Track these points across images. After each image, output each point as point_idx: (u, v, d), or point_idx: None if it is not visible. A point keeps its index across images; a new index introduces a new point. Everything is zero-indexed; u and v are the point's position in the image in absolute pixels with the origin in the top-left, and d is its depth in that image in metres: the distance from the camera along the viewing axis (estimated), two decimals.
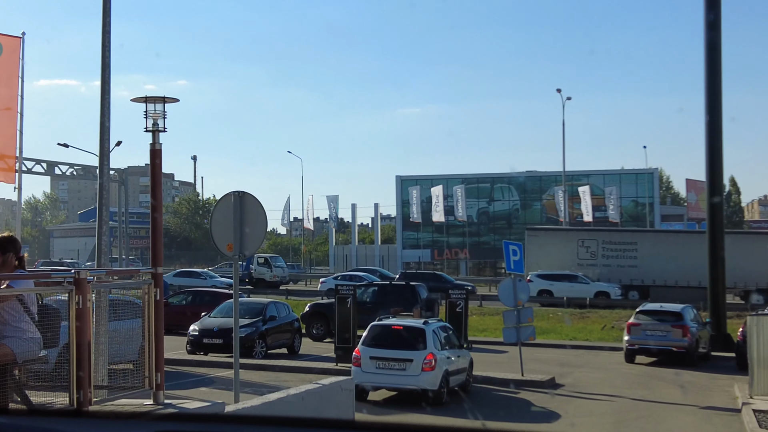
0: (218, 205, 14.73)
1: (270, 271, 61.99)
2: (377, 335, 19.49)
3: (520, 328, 23.25)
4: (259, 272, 61.32)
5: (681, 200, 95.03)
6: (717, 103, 31.09)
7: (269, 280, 61.59)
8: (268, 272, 61.71)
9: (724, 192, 72.20)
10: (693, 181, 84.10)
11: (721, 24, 31.20)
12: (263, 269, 61.97)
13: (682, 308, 28.42)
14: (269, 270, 61.98)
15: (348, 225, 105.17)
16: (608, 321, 39.06)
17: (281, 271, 63.93)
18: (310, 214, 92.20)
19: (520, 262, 24.25)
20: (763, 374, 19.78)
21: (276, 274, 62.37)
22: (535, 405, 19.81)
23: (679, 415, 19.06)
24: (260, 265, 62.04)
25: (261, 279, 61.07)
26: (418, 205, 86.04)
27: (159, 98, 10.90)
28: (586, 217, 78.00)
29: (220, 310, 27.10)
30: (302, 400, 11.01)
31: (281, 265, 65.02)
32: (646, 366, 26.88)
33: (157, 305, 9.81)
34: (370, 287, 33.90)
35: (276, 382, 20.57)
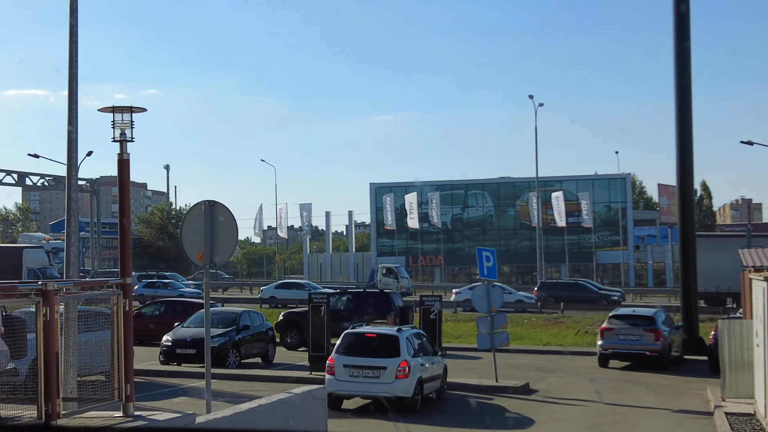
0: (189, 215, 14.63)
1: (396, 281, 59.72)
2: (351, 343, 19.45)
3: (493, 334, 23.29)
4: (384, 283, 58.87)
5: (653, 205, 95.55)
6: (687, 109, 31.32)
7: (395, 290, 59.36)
8: (394, 282, 59.20)
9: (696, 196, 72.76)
10: (665, 186, 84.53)
11: (690, 30, 31.46)
12: (389, 279, 59.80)
13: (654, 312, 28.60)
14: (395, 280, 59.81)
15: (322, 233, 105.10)
16: (582, 326, 39.22)
17: (407, 281, 61.92)
18: (284, 222, 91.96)
19: (494, 269, 24.27)
20: (735, 377, 19.91)
21: (402, 285, 59.87)
22: (509, 411, 19.83)
23: (652, 419, 19.13)
24: (385, 275, 60.22)
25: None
26: (393, 213, 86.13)
27: (126, 108, 10.81)
28: (560, 222, 78.34)
29: (194, 320, 26.97)
30: (274, 410, 10.95)
31: (405, 275, 62.99)
32: (619, 370, 26.99)
33: (126, 316, 9.73)
34: (344, 295, 33.85)
35: (249, 392, 20.47)
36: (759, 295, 17.14)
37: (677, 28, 31.38)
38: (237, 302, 53.04)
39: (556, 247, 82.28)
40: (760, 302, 16.86)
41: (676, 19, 31.35)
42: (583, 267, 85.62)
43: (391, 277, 59.69)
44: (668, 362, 27.15)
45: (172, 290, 55.27)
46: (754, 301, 18.16)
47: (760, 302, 17.00)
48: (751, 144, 51.46)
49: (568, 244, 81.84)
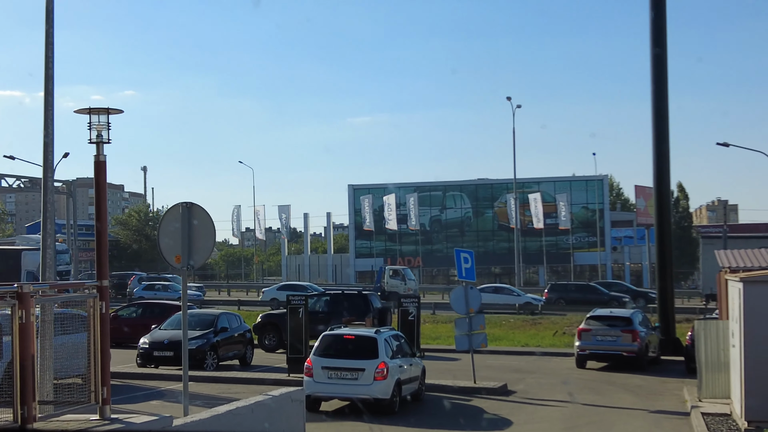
0: (166, 217, 14.57)
1: (404, 283, 58.95)
2: (329, 345, 19.41)
3: (472, 335, 23.32)
4: (392, 285, 58.28)
5: (630, 206, 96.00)
6: (663, 110, 31.49)
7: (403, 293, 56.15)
8: (402, 285, 58.52)
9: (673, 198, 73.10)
10: (642, 187, 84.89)
11: (667, 33, 31.64)
12: (396, 282, 59.04)
13: (631, 313, 28.76)
14: (403, 282, 59.05)
15: (300, 235, 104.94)
16: (559, 327, 39.35)
17: (414, 283, 61.13)
18: (262, 224, 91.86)
19: (472, 270, 24.30)
20: (711, 377, 20.04)
21: (409, 287, 59.03)
22: (487, 412, 19.86)
23: (629, 419, 19.22)
24: (392, 277, 59.40)
25: (394, 292, 56.98)
26: (371, 214, 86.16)
27: (103, 109, 10.77)
28: (537, 224, 78.65)
29: (171, 323, 26.85)
30: (252, 412, 10.92)
31: (413, 277, 62.21)
32: (596, 371, 27.11)
33: (102, 318, 9.69)
34: (323, 297, 33.80)
35: (227, 394, 20.41)
36: (735, 296, 17.26)
37: (653, 33, 31.55)
38: (215, 304, 52.86)
39: (533, 249, 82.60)
40: (736, 303, 16.98)
41: (653, 24, 31.51)
42: (561, 268, 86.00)
43: (398, 279, 59.11)
44: (645, 363, 27.29)
45: (173, 293, 54.83)
46: (730, 302, 18.28)
47: (736, 303, 17.11)
48: (727, 146, 51.78)
49: (546, 246, 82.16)
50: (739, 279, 16.74)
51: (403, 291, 57.34)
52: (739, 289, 16.58)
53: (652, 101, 31.61)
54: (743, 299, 16.27)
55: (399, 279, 59.06)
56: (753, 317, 16.19)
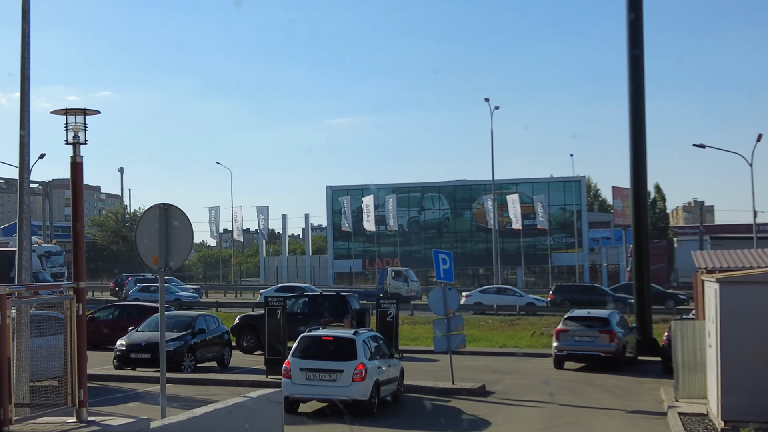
0: (143, 218, 14.51)
1: (406, 284, 58.43)
2: (307, 346, 19.38)
3: (450, 336, 23.36)
4: (394, 286, 57.68)
5: (608, 207, 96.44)
6: (640, 112, 31.65)
7: (405, 294, 57.20)
8: (404, 286, 58.06)
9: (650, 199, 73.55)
10: (619, 189, 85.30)
11: (644, 35, 31.82)
12: (398, 283, 58.50)
13: (608, 314, 28.88)
14: (405, 284, 58.52)
15: (278, 236, 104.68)
16: (537, 328, 39.48)
17: (416, 284, 60.57)
18: (240, 225, 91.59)
19: (450, 271, 24.34)
20: (688, 377, 20.16)
21: (412, 288, 58.72)
22: (465, 413, 19.89)
23: (606, 419, 19.30)
24: (394, 278, 58.71)
25: (396, 293, 55.70)
26: (349, 215, 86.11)
27: (80, 110, 10.72)
28: (515, 225, 78.85)
29: (148, 324, 26.75)
30: (229, 414, 10.88)
31: (415, 279, 61.64)
32: (574, 371, 27.21)
33: (79, 320, 9.63)
34: (301, 298, 33.74)
35: (205, 396, 20.35)
36: (711, 297, 17.37)
37: (630, 35, 31.71)
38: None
39: (511, 249, 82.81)
40: (713, 303, 17.09)
41: (630, 26, 31.67)
42: (539, 269, 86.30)
43: (400, 281, 58.71)
44: (622, 363, 27.41)
45: (169, 294, 54.45)
46: (707, 303, 18.40)
47: (712, 303, 17.22)
48: (703, 147, 52.18)
49: (524, 247, 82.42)
50: (715, 280, 16.85)
51: (405, 292, 57.46)
52: (715, 290, 16.69)
53: (630, 103, 31.77)
54: (719, 300, 16.38)
55: (401, 280, 58.75)
56: (729, 317, 16.30)
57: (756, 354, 16.12)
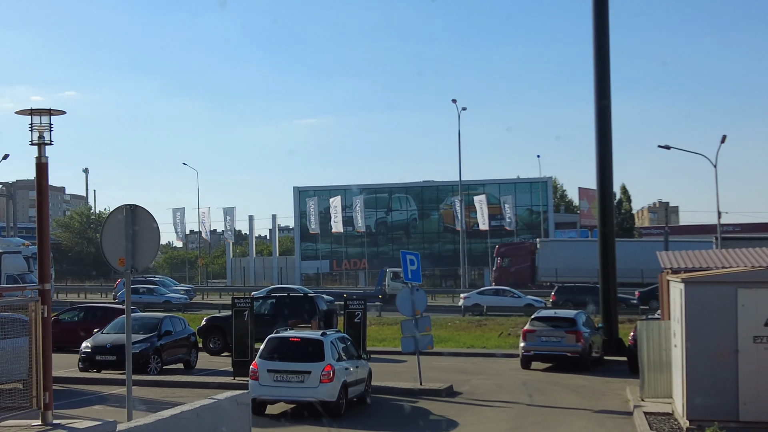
0: (109, 219, 14.39)
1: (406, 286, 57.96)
2: (275, 348, 19.33)
3: (418, 337, 23.39)
4: (393, 288, 56.91)
5: (574, 208, 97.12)
6: (606, 113, 31.89)
7: None
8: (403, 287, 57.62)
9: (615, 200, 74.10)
10: (585, 190, 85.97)
11: (609, 37, 32.06)
12: (398, 284, 56.64)
13: (575, 314, 29.05)
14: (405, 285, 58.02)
15: (245, 237, 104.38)
16: (505, 328, 39.62)
17: None
18: (207, 226, 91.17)
19: (418, 272, 24.39)
20: (654, 377, 20.31)
21: None
22: (433, 413, 19.92)
23: (573, 419, 19.40)
24: (393, 280, 58.02)
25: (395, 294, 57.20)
26: (317, 216, 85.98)
27: (45, 110, 10.61)
28: (482, 225, 79.11)
29: (114, 326, 26.53)
30: (197, 416, 10.82)
31: None
32: (541, 372, 27.33)
33: (44, 322, 9.54)
34: (268, 299, 33.63)
35: (172, 398, 20.23)
36: (676, 297, 17.52)
37: (596, 38, 31.94)
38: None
39: (479, 250, 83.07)
40: (678, 303, 17.24)
41: (595, 29, 31.89)
42: None
43: (399, 282, 58.33)
44: (589, 363, 27.58)
45: (158, 296, 53.98)
46: (672, 303, 18.56)
47: (677, 303, 17.37)
48: (668, 148, 52.66)
49: (491, 247, 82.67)
50: (680, 280, 17.00)
51: None
52: (680, 290, 16.84)
53: (596, 104, 32.00)
54: (685, 300, 16.53)
55: (400, 281, 58.46)
56: (694, 317, 16.45)
57: (720, 353, 16.28)
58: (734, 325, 16.22)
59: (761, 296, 16.20)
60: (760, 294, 16.21)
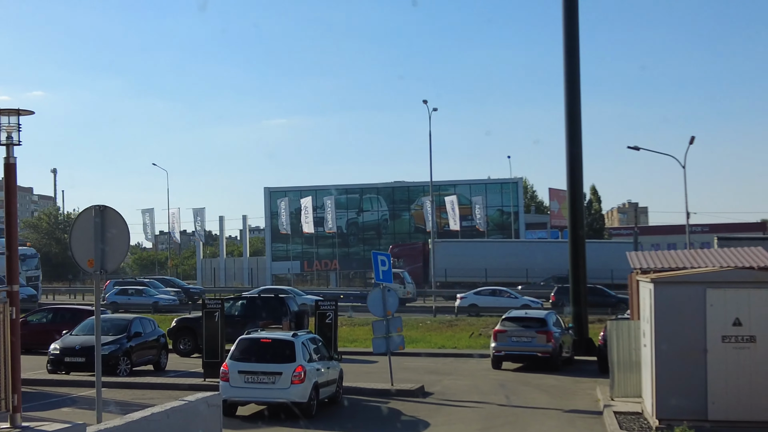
0: (78, 220, 14.27)
1: (403, 287, 57.21)
2: (246, 349, 19.27)
3: (389, 337, 23.40)
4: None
5: (545, 209, 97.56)
6: (576, 115, 32.05)
7: (402, 296, 54.25)
8: (400, 288, 56.50)
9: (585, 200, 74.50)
10: (555, 190, 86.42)
11: (579, 39, 32.25)
12: (395, 285, 57.10)
13: (545, 314, 29.21)
14: (402, 286, 57.25)
15: (216, 238, 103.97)
16: (476, 329, 39.71)
17: (412, 287, 59.56)
18: (177, 227, 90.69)
19: (389, 272, 24.39)
20: (623, 377, 20.44)
21: (408, 290, 57.83)
22: (405, 414, 19.94)
23: (544, 419, 19.48)
24: None
25: None
26: (287, 217, 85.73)
27: (13, 110, 10.52)
28: (453, 226, 79.23)
29: (83, 328, 26.33)
30: (167, 418, 10.75)
31: (410, 281, 60.41)
32: (512, 372, 27.43)
33: (12, 324, 9.46)
34: (239, 300, 33.51)
35: (142, 400, 20.12)
36: (646, 297, 17.64)
37: (566, 40, 32.10)
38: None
39: None
40: (647, 303, 17.35)
41: (565, 30, 32.06)
42: None
43: (396, 282, 58.09)
44: (559, 363, 27.72)
45: (147, 297, 53.55)
46: (642, 303, 18.68)
47: (647, 303, 17.49)
48: (637, 149, 53.00)
49: None
50: (650, 280, 17.12)
51: (402, 294, 56.38)
52: (650, 290, 16.95)
53: (566, 106, 32.16)
54: (654, 300, 16.65)
55: (398, 282, 58.19)
56: (663, 317, 16.57)
57: (689, 353, 16.41)
58: (703, 324, 16.36)
59: (730, 296, 16.35)
60: (729, 294, 16.36)
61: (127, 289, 55.57)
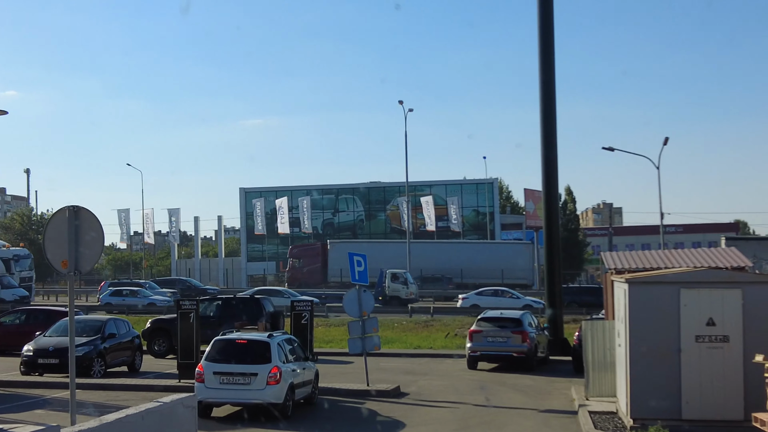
0: (52, 221, 14.17)
1: (406, 287, 56.93)
2: (221, 350, 19.20)
3: (365, 338, 23.39)
4: (393, 289, 56.41)
5: (520, 209, 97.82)
6: (551, 116, 32.17)
7: (405, 297, 56.17)
8: (403, 289, 56.63)
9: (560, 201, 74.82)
10: (531, 191, 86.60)
11: (554, 41, 32.35)
12: (398, 285, 56.80)
13: (521, 314, 29.28)
14: (405, 287, 56.98)
15: (191, 238, 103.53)
16: (451, 329, 39.76)
17: (415, 287, 59.04)
18: (151, 227, 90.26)
19: (365, 273, 24.37)
20: (598, 376, 20.53)
21: (411, 291, 57.32)
22: (380, 414, 19.93)
23: (519, 419, 19.52)
24: (393, 281, 57.08)
25: (396, 296, 55.98)
26: (263, 217, 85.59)
27: None
28: (429, 226, 79.36)
29: (56, 329, 26.17)
30: (142, 420, 10.68)
31: (413, 281, 60.00)
32: (488, 372, 27.49)
33: None
34: (214, 301, 33.39)
35: (116, 402, 20.01)
36: (620, 297, 17.72)
37: (541, 40, 32.22)
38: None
39: None
40: (622, 303, 17.43)
41: (541, 31, 32.18)
42: None
43: (399, 283, 57.65)
44: (535, 363, 27.80)
45: (141, 298, 53.20)
46: (616, 303, 18.76)
47: (621, 303, 17.57)
48: (612, 150, 53.25)
49: None
50: (624, 280, 17.19)
51: (405, 295, 56.64)
52: (624, 290, 17.03)
53: (541, 106, 32.27)
54: (629, 300, 16.73)
55: (400, 283, 57.80)
56: (638, 317, 16.66)
57: (663, 353, 16.50)
58: (677, 324, 16.46)
59: (703, 296, 16.45)
60: (703, 294, 16.47)
61: (122, 290, 55.26)
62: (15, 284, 51.68)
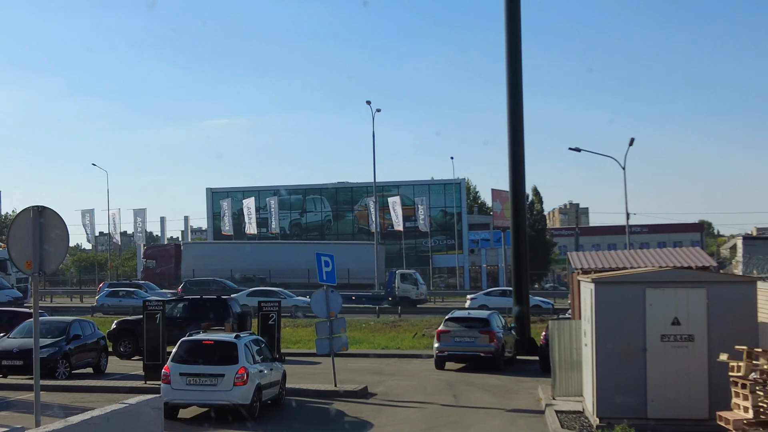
0: (16, 221, 14.03)
1: (415, 288, 56.63)
2: (187, 351, 19.09)
3: (332, 338, 23.36)
4: (403, 290, 56.03)
5: (487, 209, 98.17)
6: (518, 116, 32.31)
7: (415, 297, 55.99)
8: (413, 289, 56.34)
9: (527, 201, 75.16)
10: (498, 191, 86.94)
11: (521, 40, 32.51)
12: (407, 286, 56.52)
13: (488, 315, 29.37)
14: (414, 287, 56.66)
15: (157, 239, 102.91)
16: (419, 329, 39.82)
17: (425, 287, 58.68)
18: (117, 228, 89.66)
19: (332, 273, 24.31)
20: (565, 376, 20.65)
21: (421, 291, 57.03)
22: (348, 415, 19.91)
23: (486, 418, 19.58)
24: (403, 282, 56.67)
25: (406, 297, 55.65)
26: (230, 218, 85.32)
27: None
28: (397, 226, 79.50)
29: (20, 330, 25.91)
30: (107, 421, 10.59)
31: (422, 281, 59.70)
32: (455, 372, 27.55)
33: None
34: (181, 302, 33.21)
35: (81, 404, 19.84)
36: (587, 297, 17.83)
37: (508, 42, 32.35)
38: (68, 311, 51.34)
39: (393, 252, 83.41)
40: (588, 303, 17.54)
41: (508, 32, 32.31)
42: (420, 271, 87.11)
43: (408, 284, 57.14)
44: (502, 363, 27.90)
45: (138, 299, 52.72)
46: (583, 302, 18.87)
47: (587, 303, 17.68)
48: (578, 151, 53.58)
49: (406, 248, 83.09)
50: (591, 280, 17.30)
51: (414, 296, 56.49)
52: (591, 290, 17.14)
53: (508, 107, 32.40)
54: (595, 299, 16.83)
55: (410, 283, 57.37)
56: (604, 316, 16.76)
57: (629, 352, 16.62)
58: (643, 324, 16.58)
59: (668, 296, 16.59)
60: (668, 293, 16.60)
61: (118, 291, 55.03)
62: (8, 285, 51.16)
